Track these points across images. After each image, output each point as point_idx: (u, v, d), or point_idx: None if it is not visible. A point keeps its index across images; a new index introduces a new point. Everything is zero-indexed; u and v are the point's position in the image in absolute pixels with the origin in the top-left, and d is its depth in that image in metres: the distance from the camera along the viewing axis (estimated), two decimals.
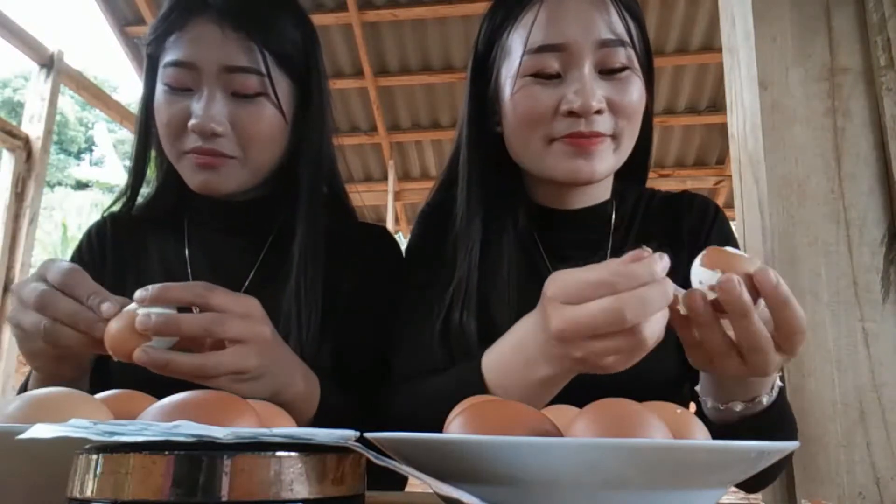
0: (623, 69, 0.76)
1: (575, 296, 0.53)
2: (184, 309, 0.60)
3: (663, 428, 0.42)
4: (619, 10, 0.76)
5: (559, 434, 0.44)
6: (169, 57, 0.80)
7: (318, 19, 4.53)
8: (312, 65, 0.87)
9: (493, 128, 0.85)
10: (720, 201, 5.66)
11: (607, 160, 0.77)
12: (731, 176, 1.90)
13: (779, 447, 0.40)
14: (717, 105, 5.02)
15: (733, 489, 0.78)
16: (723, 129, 4.99)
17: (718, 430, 0.65)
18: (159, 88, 0.82)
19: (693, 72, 4.89)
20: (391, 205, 5.61)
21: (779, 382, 0.65)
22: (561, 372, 0.60)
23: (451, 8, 4.47)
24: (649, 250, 0.53)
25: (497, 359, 0.66)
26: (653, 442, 0.39)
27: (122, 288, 0.87)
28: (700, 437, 0.47)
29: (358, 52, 4.80)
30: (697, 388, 0.68)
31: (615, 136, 0.77)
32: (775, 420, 0.65)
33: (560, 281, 0.55)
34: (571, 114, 0.74)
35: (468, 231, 0.82)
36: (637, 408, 0.44)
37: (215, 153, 0.80)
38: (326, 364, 0.80)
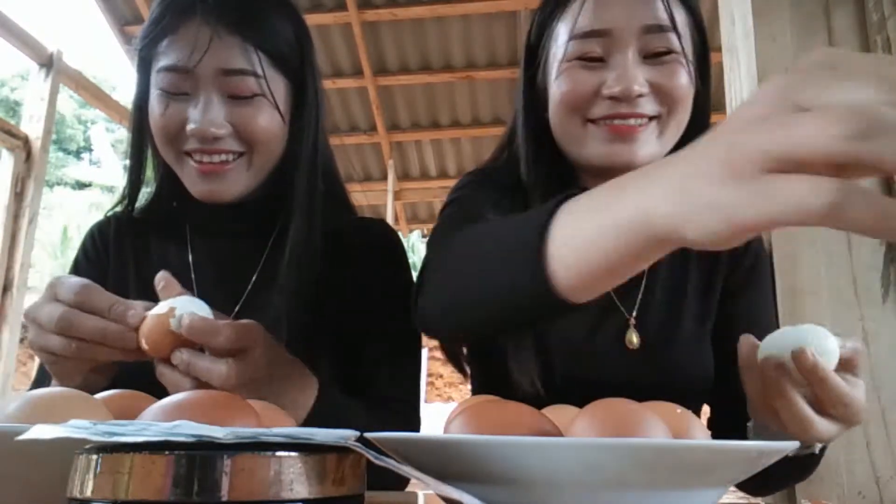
0: (668, 53, 0.76)
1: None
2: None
3: (663, 428, 0.42)
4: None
5: (559, 434, 0.44)
6: (163, 62, 0.79)
7: (317, 19, 4.54)
8: (307, 63, 0.87)
9: (543, 114, 0.85)
10: None
11: (649, 145, 0.77)
12: None
13: (778, 447, 0.40)
14: (717, 105, 5.01)
15: (733, 489, 0.79)
16: None
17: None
18: (154, 93, 0.81)
19: None
20: (391, 204, 5.61)
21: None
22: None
23: (450, 7, 4.46)
24: None
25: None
26: (653, 442, 0.39)
27: (125, 289, 0.87)
28: (700, 437, 0.47)
29: (357, 52, 4.79)
30: (750, 423, 0.69)
31: (659, 120, 0.77)
32: (811, 464, 0.69)
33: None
34: (613, 98, 0.75)
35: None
36: (637, 408, 0.44)
37: (220, 152, 0.79)
38: (325, 366, 0.80)
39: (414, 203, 6.13)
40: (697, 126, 0.83)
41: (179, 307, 0.59)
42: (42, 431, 0.32)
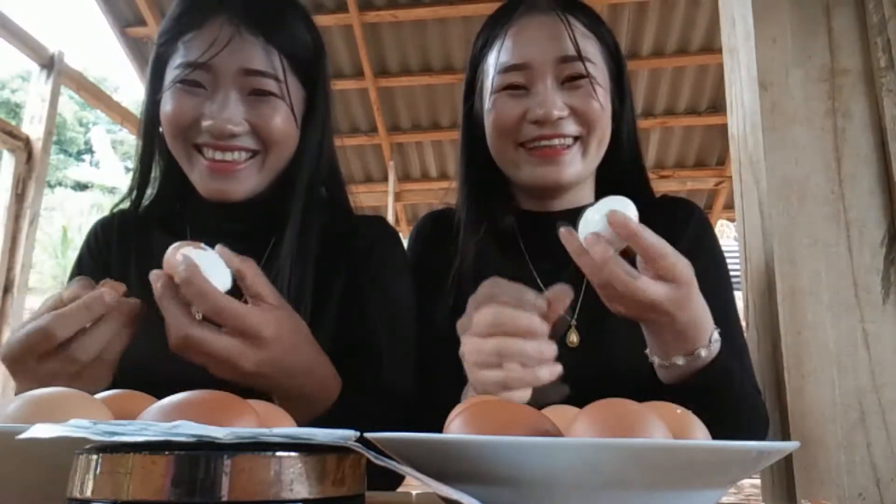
0: (580, 78, 0.85)
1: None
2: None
3: (663, 428, 0.42)
4: (570, 33, 0.86)
5: (559, 434, 0.44)
6: (184, 57, 0.81)
7: (318, 20, 4.51)
8: (320, 69, 0.89)
9: (479, 142, 0.93)
10: (720, 202, 5.66)
11: (574, 165, 0.86)
12: (731, 177, 1.90)
13: (779, 447, 0.40)
14: (718, 106, 5.01)
15: (733, 489, 0.78)
16: (723, 130, 4.98)
17: (674, 393, 0.69)
18: (169, 86, 0.82)
19: (693, 73, 4.89)
20: (391, 206, 5.61)
21: (716, 336, 0.68)
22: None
23: (451, 9, 4.47)
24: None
25: None
26: (653, 442, 0.39)
27: (126, 285, 0.87)
28: (700, 437, 0.47)
29: (358, 53, 4.80)
30: (647, 351, 0.71)
31: (581, 140, 0.86)
32: (722, 376, 0.69)
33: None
34: (537, 122, 0.84)
35: (467, 237, 0.91)
36: (637, 408, 0.44)
37: (234, 149, 0.81)
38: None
39: (415, 204, 6.13)
40: (624, 137, 0.92)
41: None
42: (42, 431, 0.32)
